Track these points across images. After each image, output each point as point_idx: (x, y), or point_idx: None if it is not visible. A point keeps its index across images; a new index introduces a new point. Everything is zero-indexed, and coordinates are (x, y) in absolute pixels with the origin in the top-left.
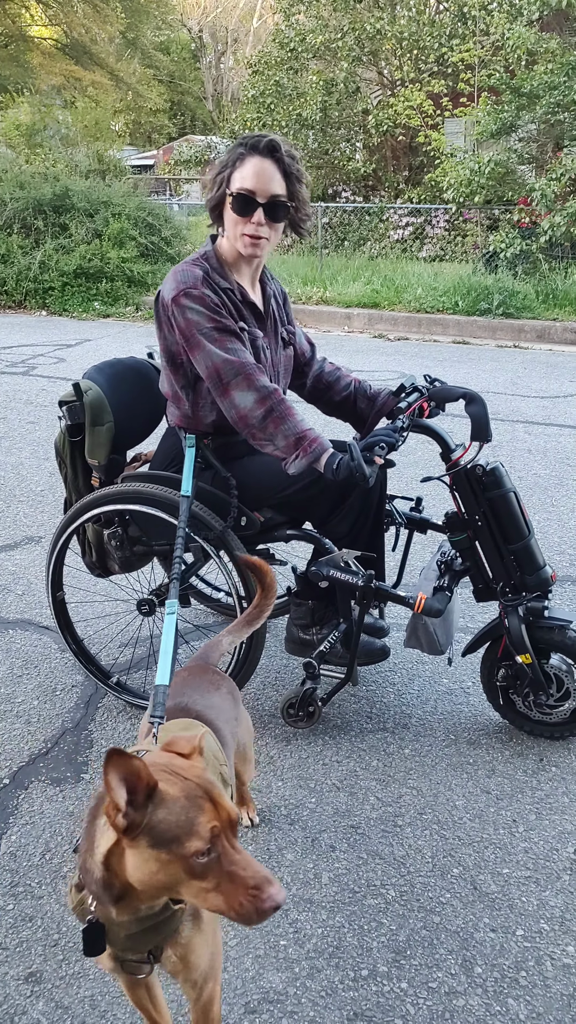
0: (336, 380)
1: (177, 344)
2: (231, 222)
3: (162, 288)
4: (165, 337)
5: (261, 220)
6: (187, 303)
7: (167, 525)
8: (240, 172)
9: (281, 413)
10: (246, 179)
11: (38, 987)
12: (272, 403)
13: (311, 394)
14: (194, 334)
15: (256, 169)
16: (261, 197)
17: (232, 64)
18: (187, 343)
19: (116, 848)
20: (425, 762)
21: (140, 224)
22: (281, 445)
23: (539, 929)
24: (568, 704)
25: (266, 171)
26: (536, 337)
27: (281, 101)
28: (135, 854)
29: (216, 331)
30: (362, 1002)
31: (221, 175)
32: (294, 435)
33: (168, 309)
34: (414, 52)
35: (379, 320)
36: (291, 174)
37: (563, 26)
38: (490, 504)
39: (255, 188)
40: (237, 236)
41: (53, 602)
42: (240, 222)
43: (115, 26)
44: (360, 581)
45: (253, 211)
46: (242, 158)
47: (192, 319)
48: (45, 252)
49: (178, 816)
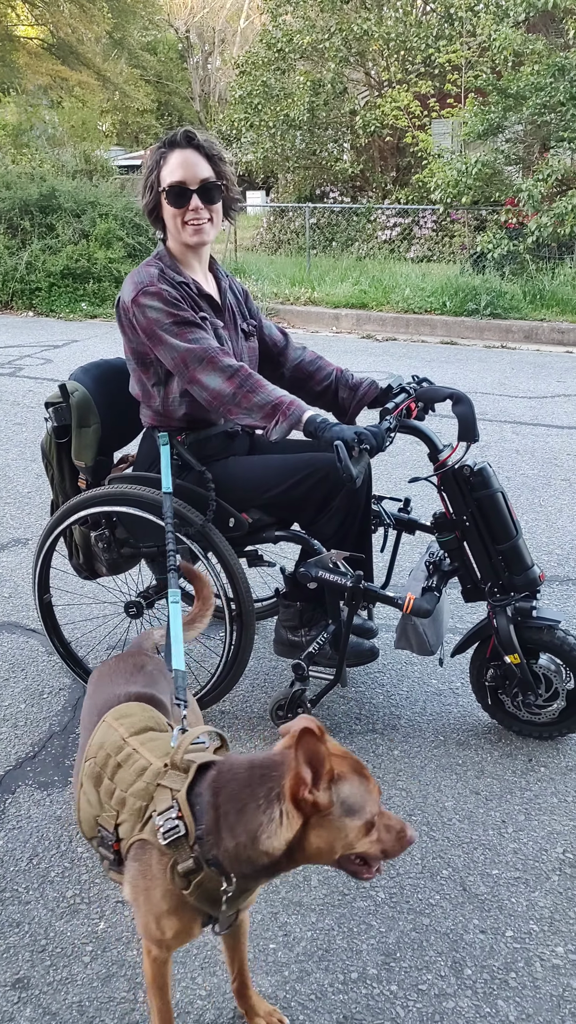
0: (317, 369)
1: (143, 344)
2: (171, 217)
3: (121, 293)
4: (130, 339)
5: (198, 205)
6: (146, 301)
7: (154, 527)
8: (167, 169)
9: (251, 386)
10: (174, 172)
11: (25, 993)
12: (240, 379)
13: (291, 383)
14: (155, 331)
15: (180, 160)
16: (192, 184)
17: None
18: (150, 340)
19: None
20: (414, 763)
21: (127, 224)
22: (258, 416)
23: (528, 930)
24: (556, 704)
25: (189, 160)
26: (523, 337)
27: (268, 102)
28: (325, 826)
29: (176, 325)
30: (352, 1005)
31: (150, 179)
32: (269, 403)
33: (129, 311)
34: (401, 53)
35: (367, 321)
36: (213, 156)
37: (549, 27)
38: (478, 504)
39: (184, 177)
40: (180, 228)
41: (40, 605)
42: (179, 214)
43: (102, 26)
44: (349, 582)
45: (188, 199)
46: (164, 156)
47: (152, 317)
48: (32, 252)
49: (359, 789)
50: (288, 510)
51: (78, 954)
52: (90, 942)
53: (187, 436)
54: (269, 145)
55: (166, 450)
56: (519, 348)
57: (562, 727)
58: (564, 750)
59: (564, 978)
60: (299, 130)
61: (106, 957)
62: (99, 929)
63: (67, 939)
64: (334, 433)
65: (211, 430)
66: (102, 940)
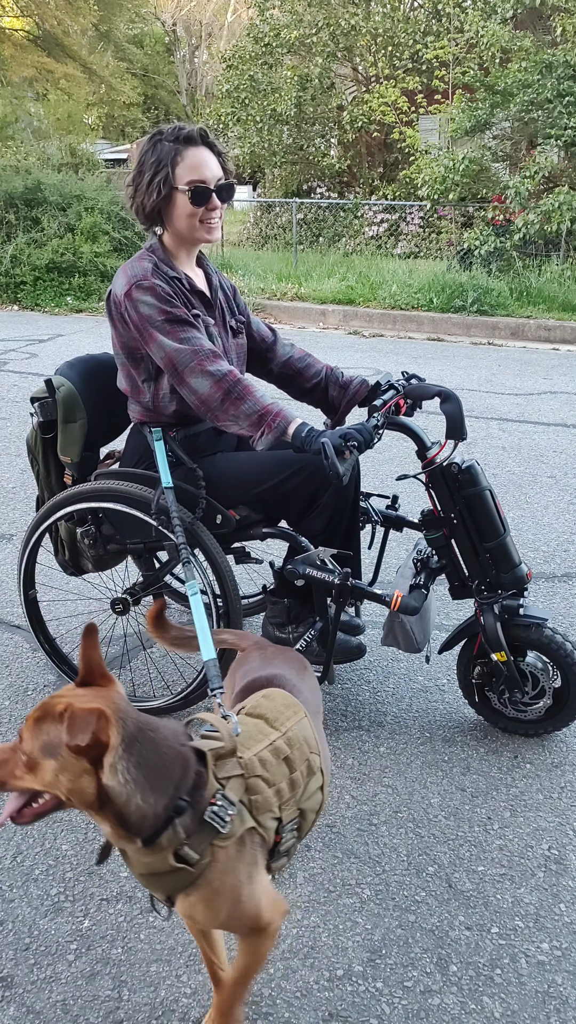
0: (306, 367)
1: (134, 340)
2: (186, 215)
3: (113, 286)
4: (121, 334)
5: (216, 204)
6: (138, 296)
7: (141, 523)
8: (184, 166)
9: (239, 393)
10: (194, 170)
11: (8, 992)
12: (228, 384)
13: (280, 380)
14: (147, 327)
15: (200, 160)
16: (211, 183)
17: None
18: (141, 336)
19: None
20: (400, 760)
21: (113, 218)
22: (245, 424)
23: (514, 926)
24: (543, 702)
25: (207, 159)
26: (510, 334)
27: (255, 96)
28: None
29: (168, 322)
30: (337, 1002)
31: (159, 175)
32: (256, 413)
33: (121, 305)
34: (389, 48)
35: (354, 317)
36: (222, 154)
37: (536, 24)
38: (466, 502)
39: (205, 176)
40: (195, 226)
41: (25, 601)
42: (197, 212)
43: (88, 18)
44: (336, 579)
45: (208, 198)
46: (180, 152)
47: (144, 312)
48: (17, 246)
49: None
50: (276, 507)
51: (62, 952)
52: (74, 940)
53: (177, 432)
54: (256, 140)
55: (161, 445)
56: (506, 345)
57: (548, 725)
58: (550, 747)
59: (549, 974)
60: (286, 125)
61: (90, 955)
62: (83, 927)
63: (51, 937)
64: (320, 444)
65: (200, 426)
66: (86, 938)
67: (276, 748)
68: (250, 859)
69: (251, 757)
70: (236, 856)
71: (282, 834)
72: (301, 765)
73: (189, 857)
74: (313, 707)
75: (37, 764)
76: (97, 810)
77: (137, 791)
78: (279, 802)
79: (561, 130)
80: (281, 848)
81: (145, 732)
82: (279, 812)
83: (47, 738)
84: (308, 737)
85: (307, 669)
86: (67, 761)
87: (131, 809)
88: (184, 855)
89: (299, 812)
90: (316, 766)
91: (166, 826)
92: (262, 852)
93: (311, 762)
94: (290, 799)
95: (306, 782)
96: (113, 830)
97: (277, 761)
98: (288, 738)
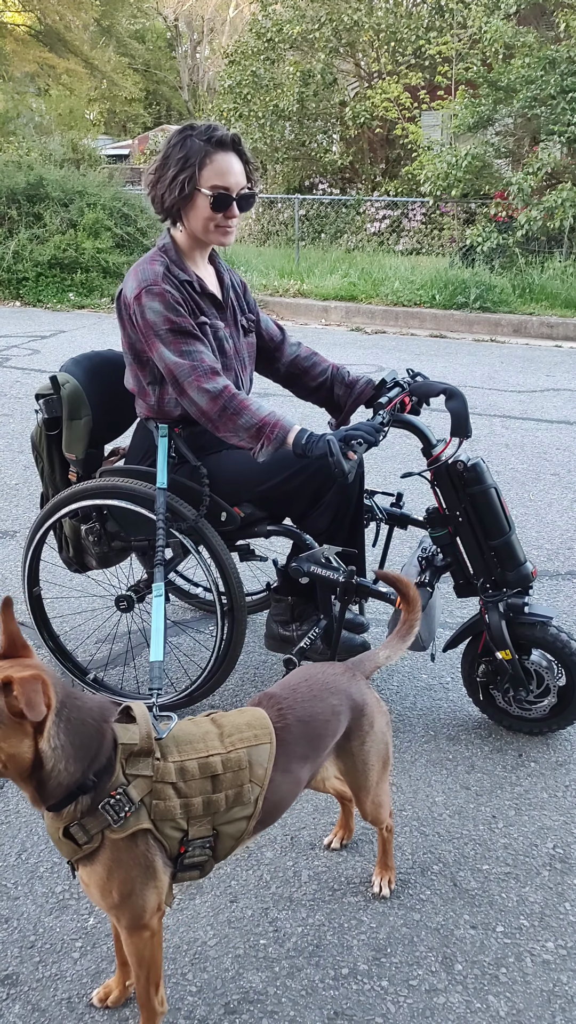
0: (312, 365)
1: (141, 342)
2: (204, 217)
3: (123, 286)
4: (129, 335)
5: (235, 213)
6: (147, 301)
7: (145, 520)
8: (211, 169)
9: (235, 409)
10: (221, 175)
11: (14, 990)
12: (224, 401)
13: (286, 378)
14: (150, 335)
15: (227, 166)
16: (234, 191)
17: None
18: (145, 343)
19: None
20: (404, 758)
21: (115, 214)
22: (244, 437)
23: (519, 925)
24: (547, 700)
25: (234, 166)
26: (512, 331)
27: (258, 92)
28: None
29: (171, 332)
30: (342, 1001)
31: (185, 173)
32: (254, 426)
33: (130, 308)
34: (391, 44)
35: (356, 313)
36: (250, 163)
37: (540, 20)
38: (471, 500)
39: (229, 184)
40: (211, 230)
41: (29, 598)
42: (215, 218)
43: (90, 13)
44: (341, 577)
45: (229, 206)
46: (209, 155)
47: (150, 319)
48: (19, 242)
49: None
50: (280, 504)
51: (67, 950)
52: (79, 938)
53: (183, 428)
54: (258, 136)
55: (164, 443)
56: (508, 342)
57: (552, 723)
58: (554, 745)
59: (554, 973)
60: (288, 121)
61: (95, 953)
62: (88, 925)
63: (56, 935)
64: (322, 447)
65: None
66: (91, 936)
67: (207, 763)
68: (143, 859)
69: (169, 764)
70: (127, 850)
71: (187, 847)
72: (229, 790)
73: (76, 835)
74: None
75: None
76: (26, 777)
77: (63, 758)
78: (186, 816)
79: (564, 126)
80: (186, 861)
81: (72, 700)
82: (185, 825)
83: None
84: (256, 764)
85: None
86: (10, 728)
87: (52, 775)
88: (71, 832)
89: (215, 832)
90: (249, 798)
91: (72, 799)
92: (161, 856)
93: (243, 791)
94: (202, 817)
95: (229, 807)
96: (31, 795)
97: (201, 776)
98: (227, 758)
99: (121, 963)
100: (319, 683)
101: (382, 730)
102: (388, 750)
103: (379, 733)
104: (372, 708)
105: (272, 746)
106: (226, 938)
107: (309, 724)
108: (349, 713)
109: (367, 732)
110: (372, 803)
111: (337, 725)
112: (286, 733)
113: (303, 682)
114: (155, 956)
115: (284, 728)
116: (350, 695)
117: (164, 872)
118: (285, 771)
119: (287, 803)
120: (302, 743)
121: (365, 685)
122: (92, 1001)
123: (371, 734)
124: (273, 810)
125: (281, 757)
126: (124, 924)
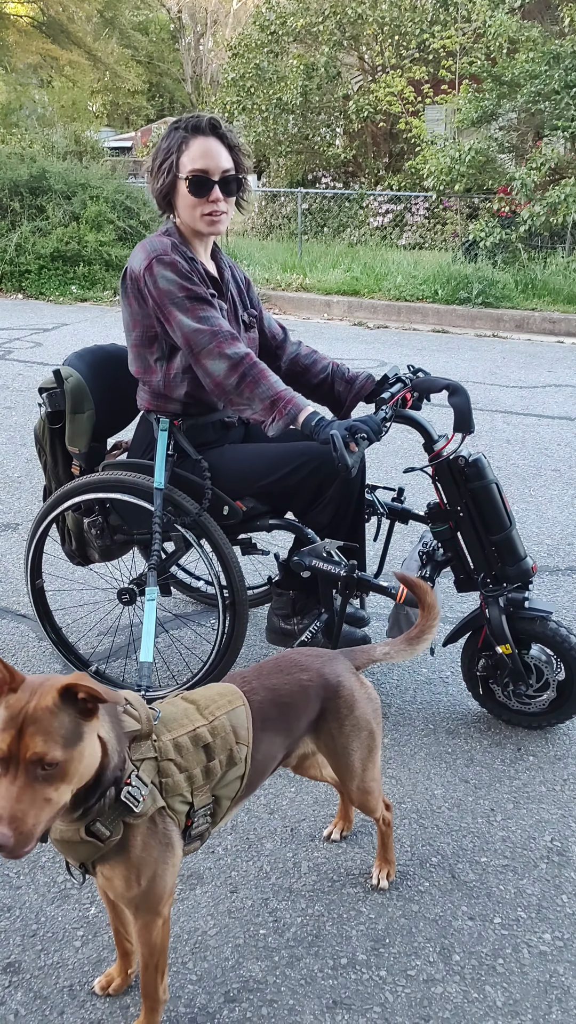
0: (313, 363)
1: (150, 317)
2: (188, 205)
3: (130, 262)
4: (135, 312)
5: (218, 197)
6: (159, 270)
7: (147, 514)
8: (188, 154)
9: (254, 376)
10: (196, 160)
11: (16, 977)
12: (244, 368)
13: (287, 376)
14: (166, 303)
15: (204, 149)
16: (214, 174)
17: (211, 46)
18: (160, 313)
19: None
20: (404, 751)
21: (118, 207)
22: (258, 408)
23: (516, 917)
24: (547, 694)
25: (213, 149)
26: (515, 327)
27: (261, 85)
28: None
29: (188, 299)
30: (341, 990)
31: (167, 162)
32: (269, 397)
33: (140, 280)
34: (395, 38)
35: (359, 308)
36: (235, 147)
37: (544, 14)
38: (472, 495)
39: (207, 167)
40: (196, 217)
41: (32, 590)
42: (198, 203)
43: (93, 4)
44: (342, 571)
45: (209, 190)
46: (186, 141)
47: (164, 288)
48: (21, 234)
49: None
50: (282, 498)
51: (69, 939)
52: (81, 927)
53: (184, 422)
54: (261, 129)
55: (163, 438)
56: (510, 337)
57: (551, 717)
58: (553, 739)
59: (551, 964)
60: (292, 114)
61: (97, 942)
62: (90, 914)
63: (58, 924)
64: (329, 432)
65: (208, 417)
66: (93, 925)
67: (196, 735)
68: (163, 838)
69: (166, 741)
70: (150, 834)
71: (193, 818)
72: (221, 754)
73: (100, 832)
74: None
75: (68, 763)
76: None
77: (114, 749)
78: (191, 787)
79: (568, 121)
80: (193, 832)
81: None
82: (190, 797)
83: (62, 731)
84: (239, 726)
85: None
86: (90, 736)
87: (107, 769)
88: (95, 831)
89: (214, 799)
90: (239, 757)
91: (100, 797)
92: (176, 833)
93: (234, 752)
94: (204, 785)
95: (224, 771)
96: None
97: (195, 748)
98: (212, 727)
99: (122, 953)
100: (288, 661)
101: (364, 715)
102: (374, 737)
103: (360, 718)
104: (351, 691)
105: (246, 707)
106: (226, 928)
107: (276, 691)
108: (321, 692)
109: (345, 715)
110: (358, 789)
111: (306, 700)
112: (253, 696)
113: (271, 662)
114: (165, 944)
115: (251, 691)
116: (322, 674)
117: (180, 847)
118: (262, 730)
119: (269, 765)
120: (271, 708)
121: (346, 669)
122: (94, 989)
123: (350, 717)
124: (259, 770)
125: (256, 719)
126: (142, 912)
